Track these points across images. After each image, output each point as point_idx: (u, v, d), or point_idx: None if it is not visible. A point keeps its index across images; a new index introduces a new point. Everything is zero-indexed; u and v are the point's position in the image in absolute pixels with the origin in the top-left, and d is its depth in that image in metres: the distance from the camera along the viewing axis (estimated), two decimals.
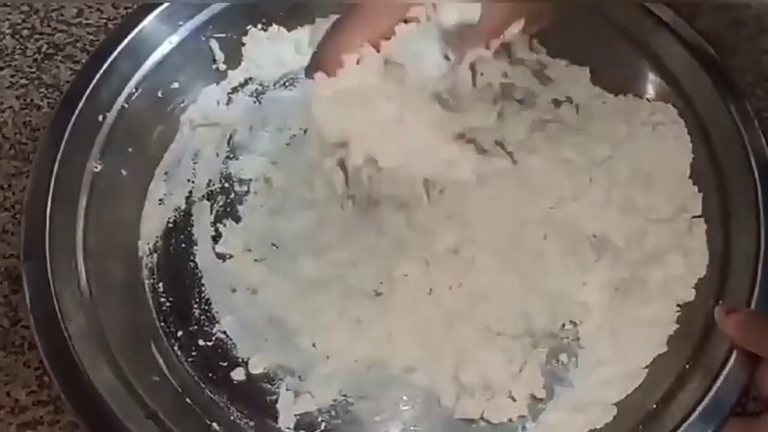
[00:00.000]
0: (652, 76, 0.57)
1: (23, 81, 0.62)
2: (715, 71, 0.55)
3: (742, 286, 0.50)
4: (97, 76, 0.54)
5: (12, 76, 0.62)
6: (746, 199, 0.52)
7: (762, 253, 0.50)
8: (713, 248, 0.53)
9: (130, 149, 0.55)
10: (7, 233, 0.55)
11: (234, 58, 0.60)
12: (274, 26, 0.60)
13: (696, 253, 0.53)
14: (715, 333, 0.49)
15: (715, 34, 0.60)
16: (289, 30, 0.60)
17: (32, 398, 0.50)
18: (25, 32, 0.64)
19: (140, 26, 0.55)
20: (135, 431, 0.44)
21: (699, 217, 0.54)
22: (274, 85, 0.61)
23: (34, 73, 0.62)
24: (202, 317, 0.52)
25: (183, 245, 0.55)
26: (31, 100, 0.61)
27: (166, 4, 0.56)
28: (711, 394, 0.47)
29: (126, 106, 0.55)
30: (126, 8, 0.64)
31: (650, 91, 0.58)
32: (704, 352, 0.49)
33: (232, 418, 0.49)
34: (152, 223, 0.55)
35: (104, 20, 0.65)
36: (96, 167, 0.52)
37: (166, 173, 0.57)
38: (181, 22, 0.57)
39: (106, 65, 0.54)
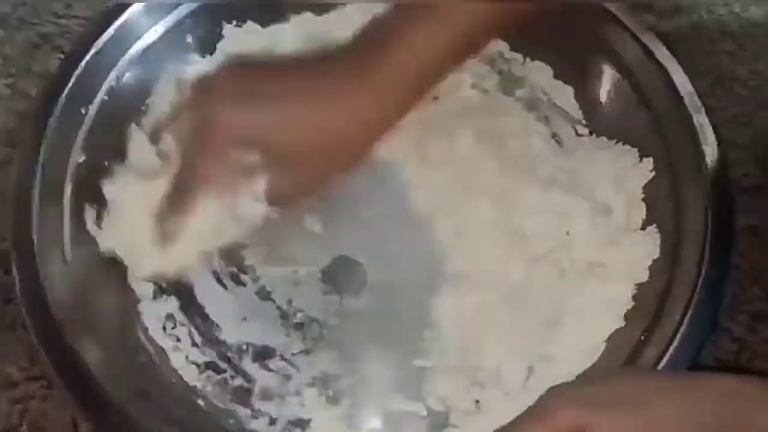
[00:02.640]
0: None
1: (12, 70, 0.59)
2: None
3: (691, 264, 0.49)
4: (79, 69, 0.51)
5: (1, 65, 0.60)
6: (695, 181, 0.52)
7: (709, 231, 0.50)
8: (665, 229, 0.52)
9: (111, 141, 0.52)
10: None
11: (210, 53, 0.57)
12: (249, 23, 0.57)
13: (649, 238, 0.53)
14: (667, 307, 0.49)
15: (677, 37, 0.60)
16: (263, 26, 0.58)
17: (24, 374, 0.48)
18: (13, 22, 0.61)
19: (121, 19, 0.53)
20: (127, 410, 0.42)
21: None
22: None
23: (23, 62, 0.60)
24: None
25: None
26: (21, 87, 0.58)
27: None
28: (664, 362, 0.46)
29: (107, 98, 0.52)
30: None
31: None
32: (658, 325, 0.49)
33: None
34: None
35: (92, 12, 0.61)
36: (79, 159, 0.50)
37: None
38: (160, 16, 0.54)
39: (86, 58, 0.51)
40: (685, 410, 0.37)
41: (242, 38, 0.57)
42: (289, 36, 0.58)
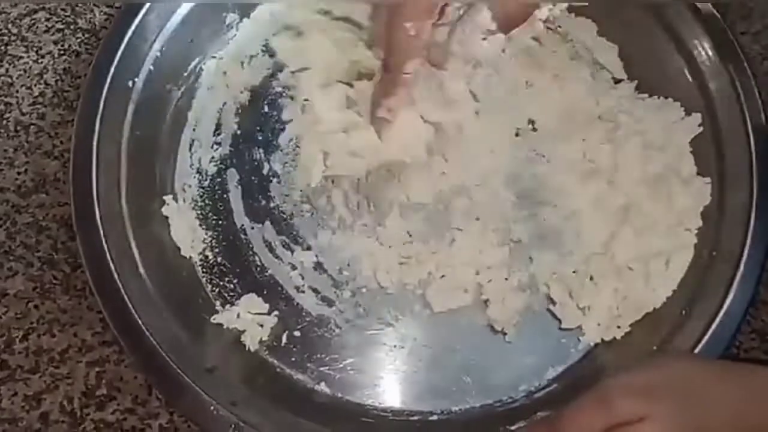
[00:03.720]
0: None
1: (59, 25, 0.57)
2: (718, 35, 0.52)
3: (735, 236, 0.49)
4: (124, 43, 0.50)
5: (47, 20, 0.57)
6: (739, 136, 0.50)
7: (754, 205, 0.49)
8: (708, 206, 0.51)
9: (157, 112, 0.52)
10: (59, 181, 0.53)
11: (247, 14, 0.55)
12: None
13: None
14: (708, 283, 0.49)
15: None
16: None
17: (98, 338, 0.49)
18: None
19: None
20: (198, 385, 0.44)
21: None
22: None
23: (69, 17, 0.57)
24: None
25: (219, 206, 0.53)
26: (69, 45, 0.57)
27: None
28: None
29: (152, 69, 0.51)
30: None
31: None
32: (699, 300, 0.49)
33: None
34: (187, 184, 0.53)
35: None
36: (130, 130, 0.50)
37: (192, 138, 0.54)
38: None
39: (132, 29, 0.50)
40: (737, 399, 0.38)
41: None
42: None
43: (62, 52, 0.57)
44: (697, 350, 0.47)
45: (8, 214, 0.52)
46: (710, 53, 0.52)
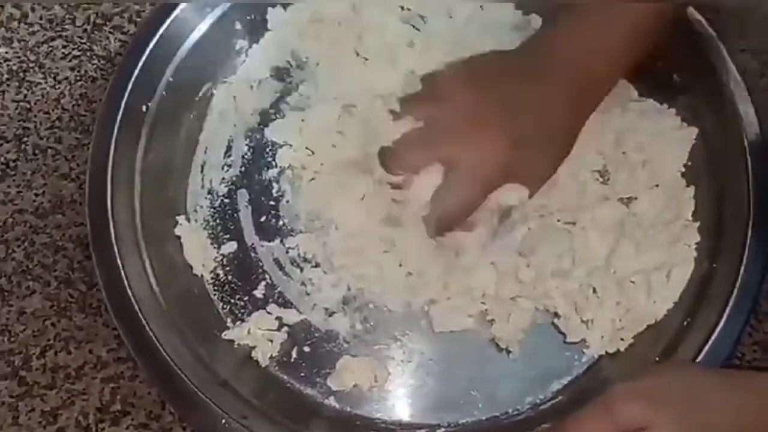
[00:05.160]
0: None
1: (76, 52, 0.58)
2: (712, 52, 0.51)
3: (734, 248, 0.48)
4: (138, 68, 0.50)
5: (64, 47, 0.58)
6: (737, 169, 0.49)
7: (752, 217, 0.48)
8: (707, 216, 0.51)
9: (169, 136, 0.52)
10: (75, 202, 0.53)
11: (256, 40, 0.56)
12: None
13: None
14: (708, 294, 0.49)
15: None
16: None
17: (112, 355, 0.49)
18: (73, 1, 0.59)
19: (172, 16, 0.51)
20: (210, 399, 0.44)
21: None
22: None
23: (85, 44, 0.58)
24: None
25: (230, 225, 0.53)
26: (85, 71, 0.57)
27: None
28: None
29: (164, 94, 0.51)
30: None
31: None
32: (700, 312, 0.49)
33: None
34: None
35: None
36: (144, 154, 0.50)
37: (203, 160, 0.54)
38: (208, 9, 0.53)
39: (145, 55, 0.51)
40: (740, 404, 0.38)
41: (287, 18, 0.56)
42: (333, 12, 0.56)
43: (78, 78, 0.57)
44: (699, 360, 0.46)
45: (26, 234, 0.52)
46: (705, 68, 0.52)
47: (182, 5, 0.52)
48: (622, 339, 0.50)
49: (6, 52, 0.57)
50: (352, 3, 0.56)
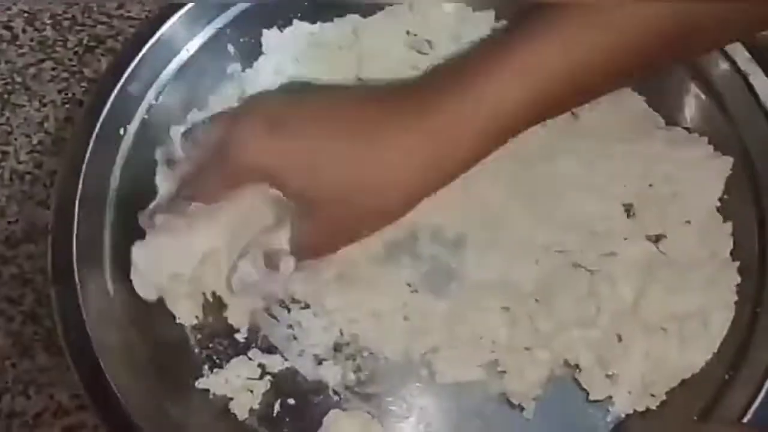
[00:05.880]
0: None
1: (64, 74, 0.54)
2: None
3: None
4: (116, 89, 0.46)
5: (53, 69, 0.54)
6: None
7: None
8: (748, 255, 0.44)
9: (149, 161, 0.47)
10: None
11: (249, 64, 0.51)
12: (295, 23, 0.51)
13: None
14: (752, 343, 0.42)
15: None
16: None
17: (75, 402, 0.44)
18: (65, 23, 0.56)
19: (158, 34, 0.47)
20: None
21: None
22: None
23: (75, 66, 0.54)
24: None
25: None
26: (73, 94, 0.53)
27: (184, 10, 0.47)
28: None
29: (147, 117, 0.47)
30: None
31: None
32: (743, 364, 0.42)
33: None
34: None
35: (146, 12, 0.55)
36: (119, 180, 0.45)
37: None
38: (198, 29, 0.48)
39: (124, 77, 0.46)
40: None
41: (284, 43, 0.51)
42: (333, 35, 0.52)
43: (65, 100, 0.53)
44: (744, 421, 0.40)
45: None
46: (747, 99, 0.46)
47: (170, 24, 0.48)
48: (652, 395, 0.43)
49: None
50: (353, 26, 0.53)
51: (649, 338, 0.44)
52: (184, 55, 0.48)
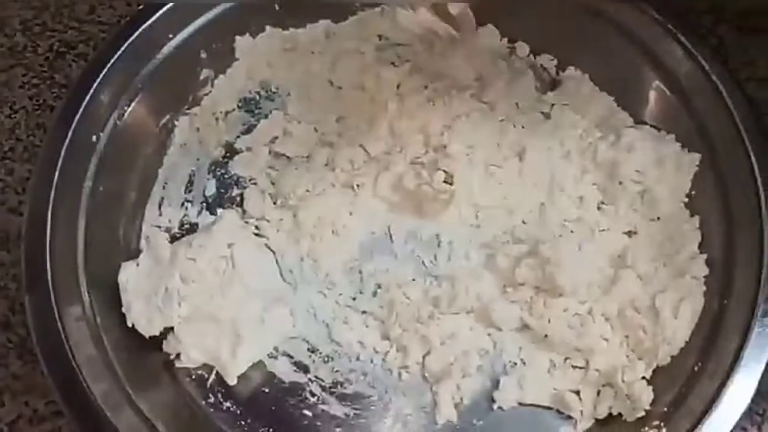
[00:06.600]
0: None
1: (35, 81, 0.53)
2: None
3: (747, 283, 0.43)
4: (88, 96, 0.45)
5: (24, 75, 0.53)
6: (747, 194, 0.44)
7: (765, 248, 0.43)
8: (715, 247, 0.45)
9: (123, 168, 0.47)
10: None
11: (222, 70, 0.51)
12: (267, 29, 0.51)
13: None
14: (722, 336, 0.43)
15: None
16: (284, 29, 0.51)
17: (51, 408, 0.43)
18: (36, 29, 0.55)
19: (129, 41, 0.46)
20: None
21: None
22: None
23: (46, 72, 0.53)
24: None
25: None
26: (44, 100, 0.52)
27: (156, 16, 0.47)
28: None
29: (118, 124, 0.46)
30: (139, 5, 0.53)
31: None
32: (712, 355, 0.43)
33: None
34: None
35: (117, 17, 0.55)
36: (92, 187, 0.45)
37: (161, 196, 0.49)
38: (171, 35, 0.48)
39: (96, 83, 0.45)
40: None
41: (257, 48, 0.51)
42: (306, 40, 0.52)
43: (36, 107, 0.52)
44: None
45: None
46: (712, 96, 0.46)
47: (142, 29, 0.47)
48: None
49: None
50: (325, 30, 0.53)
51: (622, 329, 0.45)
52: (156, 61, 0.48)
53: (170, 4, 0.47)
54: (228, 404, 0.44)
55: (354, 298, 0.46)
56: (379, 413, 0.44)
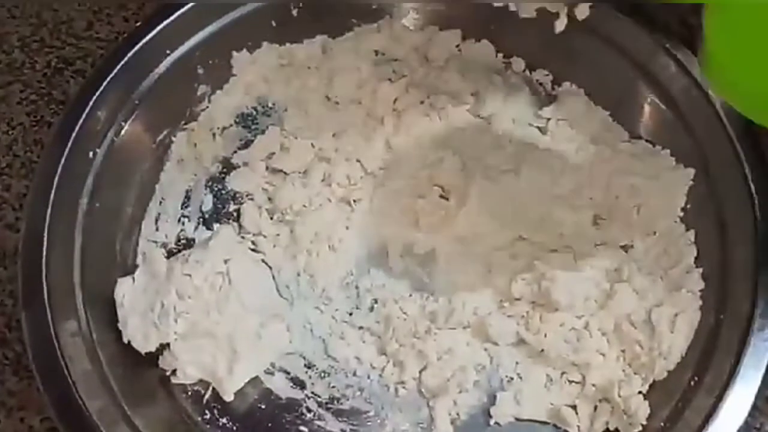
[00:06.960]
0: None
1: (33, 97, 0.53)
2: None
3: (743, 297, 0.43)
4: (85, 112, 0.45)
5: (21, 91, 0.53)
6: (742, 209, 0.44)
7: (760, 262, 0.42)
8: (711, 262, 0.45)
9: (120, 184, 0.47)
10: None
11: (219, 86, 0.51)
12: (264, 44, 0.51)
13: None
14: (718, 350, 0.43)
15: None
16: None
17: (46, 425, 0.43)
18: (34, 45, 0.55)
19: (126, 57, 0.47)
20: None
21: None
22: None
23: (44, 88, 0.53)
24: None
25: None
26: (42, 116, 0.53)
27: (153, 32, 0.47)
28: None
29: (115, 140, 0.46)
30: (136, 23, 0.54)
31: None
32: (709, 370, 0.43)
33: None
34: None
35: (114, 34, 0.55)
36: (89, 203, 0.45)
37: (158, 212, 0.49)
38: (168, 51, 0.48)
39: (93, 99, 0.45)
40: None
41: (254, 64, 0.52)
42: (303, 56, 0.52)
43: (34, 123, 0.52)
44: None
45: None
46: (706, 110, 0.46)
47: (140, 46, 0.47)
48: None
49: None
50: (322, 45, 0.53)
51: (618, 344, 0.44)
52: (154, 76, 0.48)
53: (166, 21, 0.47)
54: (224, 420, 0.43)
55: (350, 314, 0.46)
56: (375, 429, 0.44)
